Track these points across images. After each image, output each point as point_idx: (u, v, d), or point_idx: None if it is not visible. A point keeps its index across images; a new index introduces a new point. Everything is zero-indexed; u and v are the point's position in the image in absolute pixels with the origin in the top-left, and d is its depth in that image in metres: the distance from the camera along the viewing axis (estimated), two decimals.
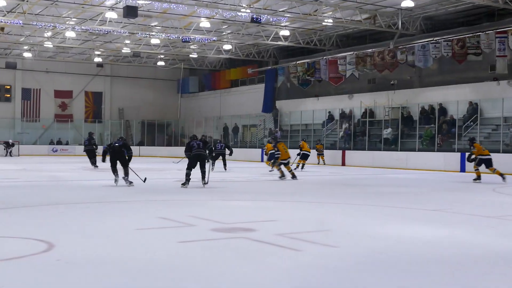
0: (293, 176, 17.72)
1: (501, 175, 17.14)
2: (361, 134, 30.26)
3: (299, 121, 34.83)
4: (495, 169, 17.34)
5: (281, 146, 17.94)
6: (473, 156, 17.49)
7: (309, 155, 24.24)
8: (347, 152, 29.35)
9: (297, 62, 35.13)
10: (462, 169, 23.36)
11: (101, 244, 6.48)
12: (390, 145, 28.05)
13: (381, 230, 7.66)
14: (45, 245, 6.23)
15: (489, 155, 17.51)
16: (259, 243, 6.56)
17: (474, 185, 16.93)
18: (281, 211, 10.03)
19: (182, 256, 5.88)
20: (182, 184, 14.17)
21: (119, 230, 7.45)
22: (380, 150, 28.23)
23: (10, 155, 37.46)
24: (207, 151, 15.52)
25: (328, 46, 34.12)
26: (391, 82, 30.43)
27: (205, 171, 14.47)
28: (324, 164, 28.78)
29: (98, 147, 24.42)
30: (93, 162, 23.24)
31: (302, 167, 23.84)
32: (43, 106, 45.17)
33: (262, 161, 33.94)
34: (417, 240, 6.96)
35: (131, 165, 14.54)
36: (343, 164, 28.82)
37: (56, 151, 42.84)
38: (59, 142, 44.22)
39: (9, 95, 44.22)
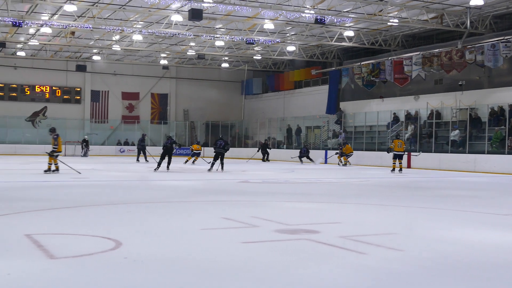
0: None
1: (400, 169, 23.03)
2: (427, 136, 29.62)
3: (363, 123, 34.44)
4: (401, 162, 22.93)
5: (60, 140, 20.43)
6: (391, 152, 23.03)
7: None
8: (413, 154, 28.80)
9: (362, 63, 34.74)
10: None
11: (167, 243, 6.60)
12: (458, 147, 27.34)
13: (448, 234, 7.46)
14: (113, 243, 6.39)
15: (402, 151, 22.88)
16: (322, 245, 6.51)
17: None
18: (345, 213, 9.94)
19: (246, 257, 5.90)
20: (208, 170, 21.80)
21: (184, 230, 7.55)
22: (447, 152, 27.55)
23: (85, 155, 38.24)
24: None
25: (394, 47, 33.61)
26: (459, 83, 29.65)
27: (223, 163, 21.85)
28: (346, 165, 30.37)
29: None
30: (145, 158, 30.78)
31: (345, 164, 30.13)
32: (111, 108, 46.47)
33: (325, 162, 33.76)
34: (486, 245, 6.74)
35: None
36: (409, 166, 28.31)
37: (123, 151, 43.94)
38: (126, 143, 45.31)
39: (79, 97, 45.69)
